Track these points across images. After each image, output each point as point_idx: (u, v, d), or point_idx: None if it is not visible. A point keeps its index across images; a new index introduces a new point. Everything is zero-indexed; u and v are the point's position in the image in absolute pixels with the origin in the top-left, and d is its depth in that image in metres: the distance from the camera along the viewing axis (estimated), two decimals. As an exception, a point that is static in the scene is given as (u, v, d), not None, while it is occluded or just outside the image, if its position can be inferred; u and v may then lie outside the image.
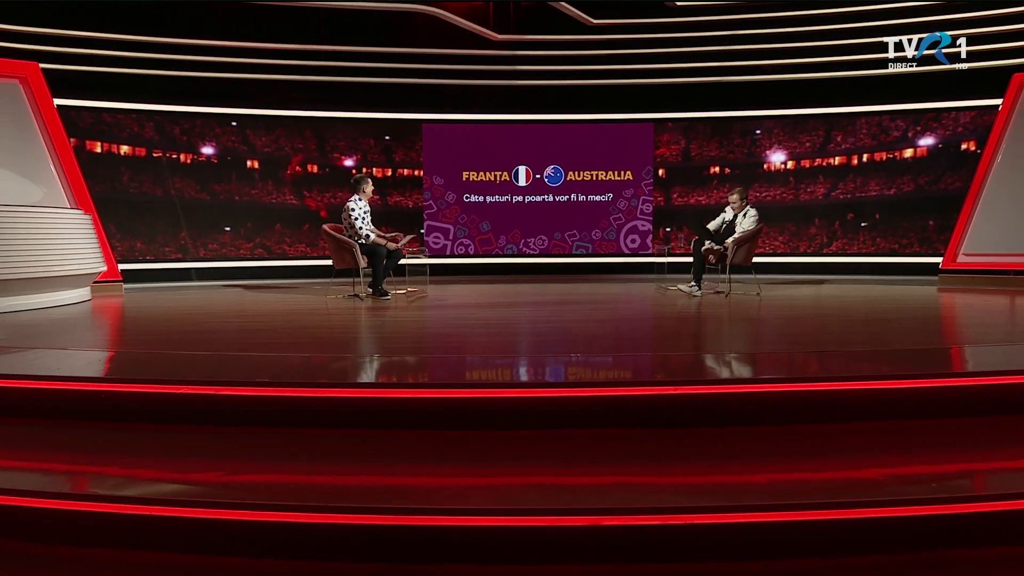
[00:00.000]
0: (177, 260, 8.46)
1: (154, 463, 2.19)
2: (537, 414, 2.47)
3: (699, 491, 1.99)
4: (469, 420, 2.47)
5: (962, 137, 8.47)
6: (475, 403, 2.49)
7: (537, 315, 5.08)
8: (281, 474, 2.12)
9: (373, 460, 2.22)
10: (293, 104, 8.93)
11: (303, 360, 3.15)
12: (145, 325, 4.62)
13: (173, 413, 2.49)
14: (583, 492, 1.97)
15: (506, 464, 2.19)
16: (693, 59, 9.04)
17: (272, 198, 8.95)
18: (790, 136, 9.28)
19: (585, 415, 2.47)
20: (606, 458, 2.22)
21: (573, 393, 2.54)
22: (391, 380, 2.89)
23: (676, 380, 2.65)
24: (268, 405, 2.47)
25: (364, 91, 8.98)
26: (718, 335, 4.20)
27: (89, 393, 2.59)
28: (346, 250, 5.72)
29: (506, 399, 2.53)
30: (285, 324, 4.51)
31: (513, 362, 3.28)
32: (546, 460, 2.20)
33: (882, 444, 2.30)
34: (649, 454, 2.25)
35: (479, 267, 9.47)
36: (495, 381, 2.77)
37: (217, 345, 3.63)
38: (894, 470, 2.10)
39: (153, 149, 8.41)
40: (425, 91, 9.16)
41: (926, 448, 2.28)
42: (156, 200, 8.40)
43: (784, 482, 2.06)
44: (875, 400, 2.48)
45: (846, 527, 1.84)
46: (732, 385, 2.54)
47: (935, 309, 5.56)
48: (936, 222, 8.56)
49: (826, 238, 9.15)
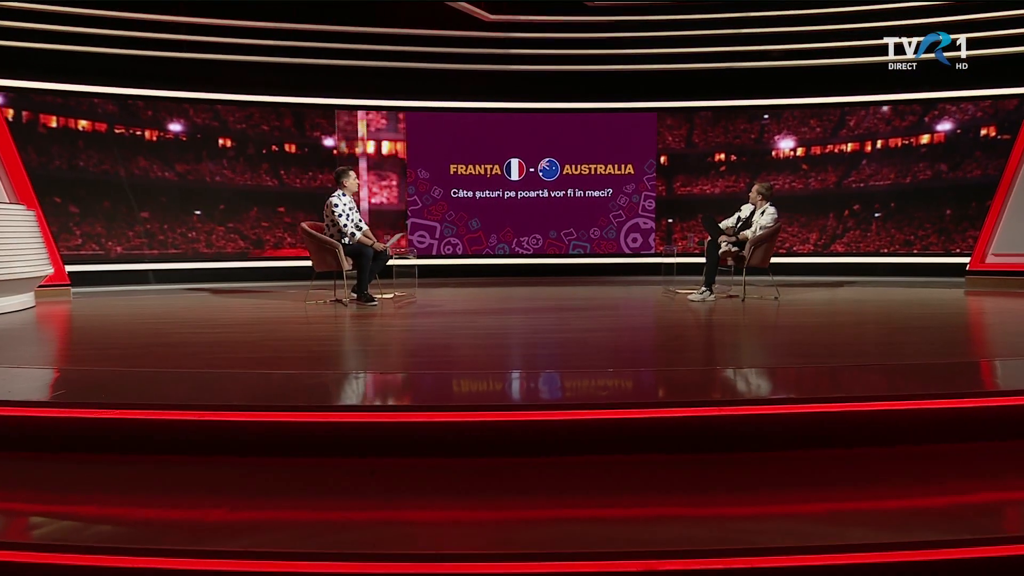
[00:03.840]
0: (134, 261, 8.21)
1: (103, 500, 2.05)
2: (557, 439, 2.39)
3: (766, 526, 1.89)
4: (486, 446, 2.38)
5: (981, 123, 8.59)
6: (492, 427, 2.40)
7: (541, 323, 4.97)
8: (275, 510, 1.99)
9: (376, 494, 2.10)
10: (262, 88, 8.72)
11: (286, 379, 3.01)
12: (101, 337, 4.42)
13: (141, 441, 2.35)
14: (626, 529, 1.86)
15: (525, 496, 2.08)
16: (700, 44, 9.00)
17: (246, 179, 8.76)
18: (800, 121, 9.30)
19: (611, 439, 2.40)
20: (645, 488, 2.14)
21: (597, 416, 2.45)
22: (394, 403, 2.76)
23: (714, 400, 2.58)
24: (261, 431, 2.34)
25: (341, 75, 8.80)
26: (746, 347, 4.12)
27: (37, 420, 2.44)
28: (328, 251, 5.56)
29: (522, 423, 2.44)
30: (264, 336, 4.35)
31: (526, 379, 3.16)
32: (570, 491, 2.11)
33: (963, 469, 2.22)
34: (693, 483, 2.16)
35: (468, 268, 9.34)
36: (510, 403, 2.67)
37: (189, 361, 3.46)
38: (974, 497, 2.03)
39: (114, 125, 8.16)
40: (409, 76, 9.00)
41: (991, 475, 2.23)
42: (112, 182, 8.16)
43: (849, 513, 1.99)
44: (940, 421, 2.41)
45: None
46: (783, 406, 2.46)
47: (975, 316, 5.56)
48: (954, 211, 8.66)
49: (839, 229, 9.19)
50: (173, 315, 5.48)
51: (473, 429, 2.42)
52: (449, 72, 9.06)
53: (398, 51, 8.86)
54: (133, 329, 4.71)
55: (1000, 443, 2.44)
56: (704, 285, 6.09)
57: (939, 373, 3.11)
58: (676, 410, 2.48)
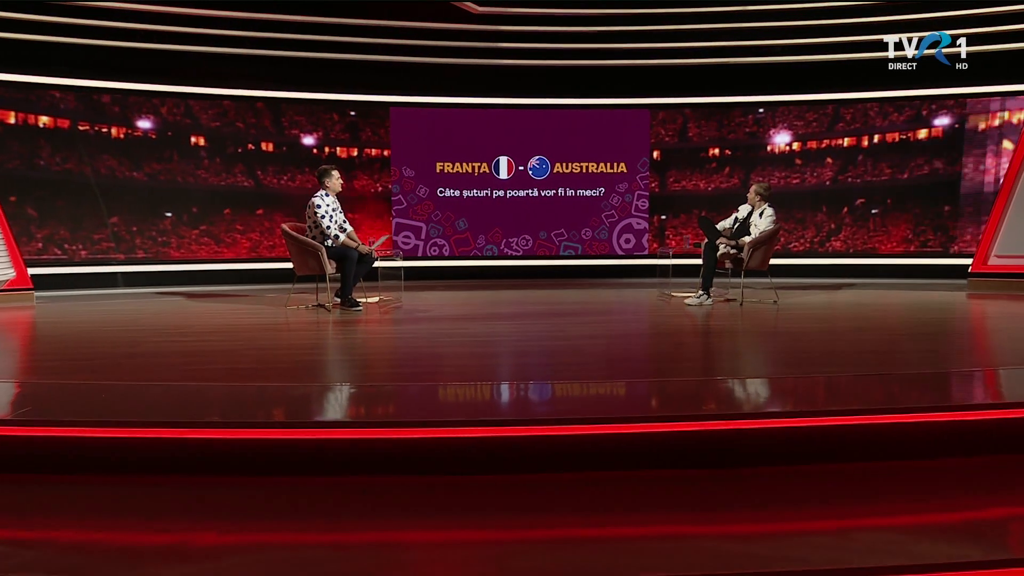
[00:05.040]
0: (101, 263, 8.06)
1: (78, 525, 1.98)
2: (555, 455, 2.37)
3: (776, 545, 1.87)
4: (481, 463, 2.34)
5: (981, 119, 8.73)
6: (488, 443, 2.37)
7: (534, 330, 4.94)
8: (265, 533, 1.93)
9: (367, 515, 2.06)
10: (240, 82, 8.60)
11: (269, 392, 2.94)
12: (68, 347, 4.31)
13: (115, 462, 2.28)
14: (628, 549, 1.83)
15: (525, 515, 2.04)
16: (696, 38, 9.01)
17: (220, 179, 8.62)
18: (796, 115, 9.37)
19: (612, 455, 2.38)
20: (647, 506, 2.11)
21: (598, 431, 2.43)
22: (384, 418, 2.71)
23: (720, 414, 2.56)
24: (245, 450, 2.28)
25: (324, 69, 8.70)
26: (748, 356, 4.11)
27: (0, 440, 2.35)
28: (311, 254, 5.49)
29: (520, 438, 2.42)
30: (243, 345, 4.28)
31: (521, 392, 3.12)
32: (570, 510, 2.09)
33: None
34: (698, 500, 2.13)
35: (455, 270, 9.28)
36: (507, 418, 2.63)
37: (164, 373, 3.38)
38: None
39: (78, 122, 7.99)
40: (394, 69, 8.92)
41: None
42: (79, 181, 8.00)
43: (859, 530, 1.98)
44: (959, 432, 2.40)
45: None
46: (790, 419, 2.45)
47: (981, 321, 5.60)
48: (951, 207, 8.80)
49: (835, 226, 9.27)
50: (145, 322, 5.38)
51: (468, 445, 2.38)
52: (435, 66, 8.99)
53: (382, 44, 8.78)
54: (103, 337, 4.61)
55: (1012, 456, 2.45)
56: (701, 289, 6.08)
57: (950, 384, 3.11)
58: (680, 424, 2.46)
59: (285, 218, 7.09)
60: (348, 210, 6.04)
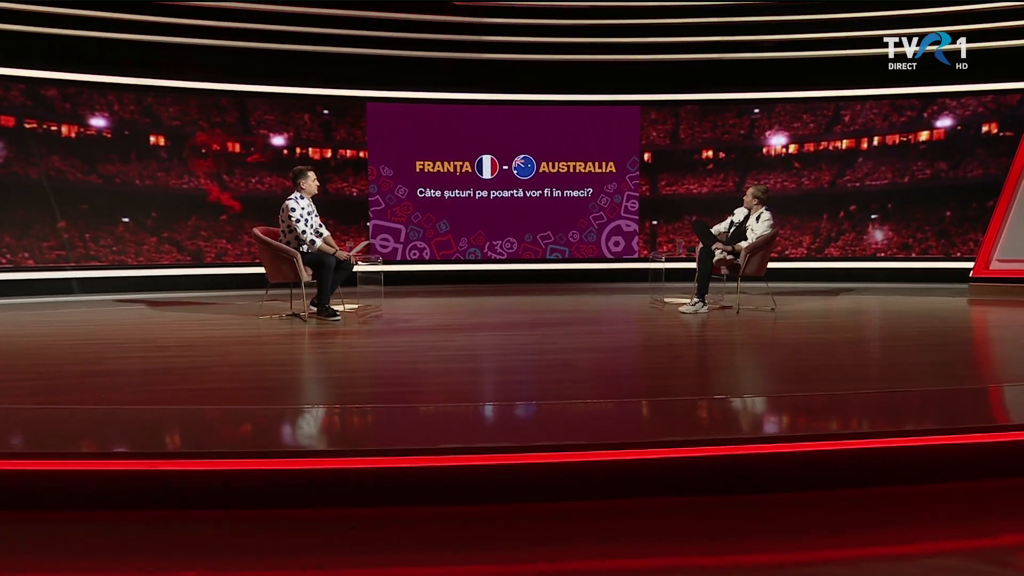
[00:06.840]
0: (55, 269, 7.89)
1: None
2: (557, 483, 2.36)
3: None
4: (477, 492, 2.33)
5: (982, 118, 8.86)
6: (484, 471, 2.36)
7: (523, 342, 4.92)
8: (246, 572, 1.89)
9: (356, 552, 2.03)
10: (204, 75, 8.47)
11: (243, 416, 2.90)
12: (14, 364, 4.18)
13: (80, 497, 2.22)
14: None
15: (527, 548, 2.03)
16: (689, 32, 9.06)
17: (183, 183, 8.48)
18: (793, 116, 9.45)
19: (616, 482, 2.38)
20: (654, 537, 2.10)
21: (601, 457, 2.42)
22: (372, 445, 2.68)
23: (732, 438, 2.57)
24: (218, 482, 2.23)
25: (292, 61, 8.61)
26: (747, 371, 4.12)
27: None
28: (285, 261, 5.42)
29: (518, 466, 2.41)
30: (213, 361, 4.21)
31: (515, 416, 3.10)
32: (574, 541, 2.08)
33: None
34: (708, 530, 2.13)
35: (437, 275, 9.24)
36: (503, 444, 2.61)
37: (126, 395, 3.31)
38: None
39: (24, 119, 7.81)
40: (370, 63, 8.86)
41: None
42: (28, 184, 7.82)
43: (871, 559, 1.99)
44: (971, 456, 2.43)
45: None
46: (815, 443, 2.47)
47: (985, 330, 5.68)
48: (953, 212, 8.92)
49: (834, 231, 9.37)
50: (104, 334, 5.27)
51: (463, 474, 2.36)
52: (414, 59, 8.94)
53: (358, 35, 8.71)
54: (55, 353, 4.49)
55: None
56: (696, 296, 6.11)
57: (961, 403, 3.15)
58: (681, 450, 2.46)
59: (253, 224, 6.97)
60: (323, 213, 5.97)
